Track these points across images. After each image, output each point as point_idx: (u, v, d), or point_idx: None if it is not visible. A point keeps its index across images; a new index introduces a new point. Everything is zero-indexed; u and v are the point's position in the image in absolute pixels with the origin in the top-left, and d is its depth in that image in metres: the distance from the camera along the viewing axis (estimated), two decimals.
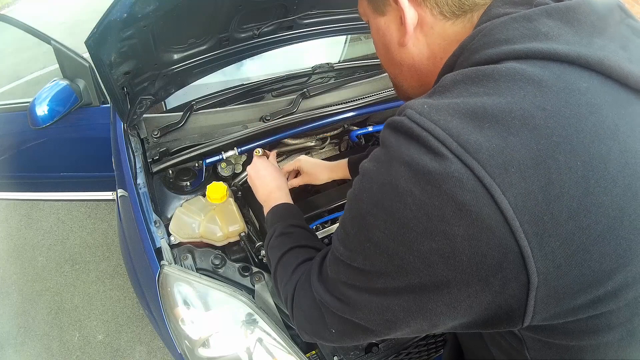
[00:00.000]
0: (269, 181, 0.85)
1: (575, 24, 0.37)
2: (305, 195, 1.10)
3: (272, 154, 0.99)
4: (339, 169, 1.05)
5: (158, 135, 1.08)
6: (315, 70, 1.36)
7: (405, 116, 0.36)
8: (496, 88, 0.34)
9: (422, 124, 0.34)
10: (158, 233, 0.90)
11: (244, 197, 1.13)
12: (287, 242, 0.66)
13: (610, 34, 0.37)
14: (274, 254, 0.66)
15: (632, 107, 0.35)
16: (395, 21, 0.46)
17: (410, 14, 0.43)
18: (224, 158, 1.10)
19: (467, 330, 0.41)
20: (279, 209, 0.76)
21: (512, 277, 0.33)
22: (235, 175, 1.17)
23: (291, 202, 0.80)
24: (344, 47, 1.72)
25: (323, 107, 1.20)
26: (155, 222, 0.92)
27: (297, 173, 1.07)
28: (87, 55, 1.37)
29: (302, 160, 1.04)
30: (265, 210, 0.79)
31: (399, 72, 0.52)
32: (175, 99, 1.20)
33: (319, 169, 1.05)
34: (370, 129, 1.30)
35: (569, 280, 0.33)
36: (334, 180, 1.21)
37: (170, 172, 1.07)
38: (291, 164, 1.05)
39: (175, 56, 0.96)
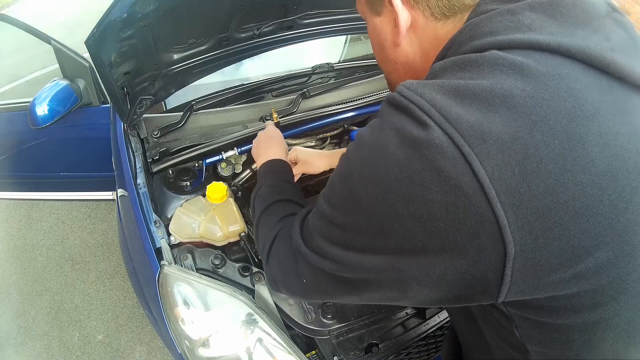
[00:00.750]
0: (274, 143, 0.87)
1: (558, 16, 0.38)
2: (305, 194, 1.10)
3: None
4: (336, 157, 1.04)
5: (158, 135, 1.08)
6: (315, 70, 1.36)
7: (396, 91, 0.38)
8: (479, 72, 0.36)
9: (409, 97, 0.36)
10: (158, 233, 0.90)
11: (244, 197, 1.13)
12: (275, 195, 0.68)
13: (594, 27, 0.38)
14: (260, 203, 0.67)
15: (614, 93, 0.36)
16: (390, 22, 0.48)
17: (404, 15, 0.46)
18: (224, 158, 1.10)
19: (440, 304, 0.41)
20: (274, 163, 0.78)
21: (488, 246, 0.34)
22: (235, 175, 1.17)
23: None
24: (344, 47, 1.72)
25: (323, 107, 1.20)
26: (155, 222, 0.92)
27: (293, 165, 1.07)
28: (87, 55, 1.37)
29: (298, 150, 1.04)
30: (259, 162, 0.80)
31: (393, 70, 0.54)
32: (175, 99, 1.21)
33: (315, 156, 1.05)
34: None
35: (547, 253, 0.34)
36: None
37: (170, 172, 1.07)
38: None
39: (175, 56, 0.96)
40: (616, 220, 0.34)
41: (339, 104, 1.22)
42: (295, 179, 1.04)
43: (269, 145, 0.87)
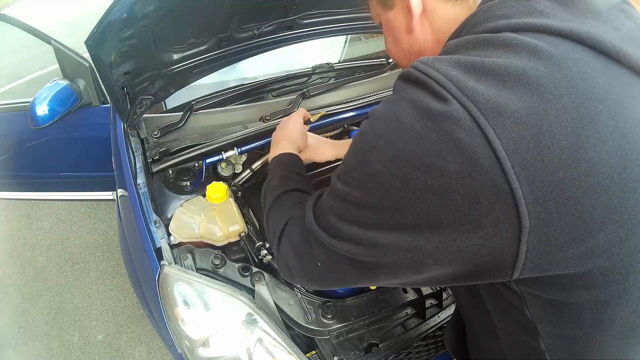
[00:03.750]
0: (288, 132, 0.87)
1: (569, 4, 0.39)
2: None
3: (309, 119, 0.98)
4: (345, 146, 1.03)
5: (158, 135, 1.08)
6: (315, 70, 1.36)
7: (412, 67, 0.39)
8: (494, 52, 0.37)
9: (426, 72, 0.37)
10: (158, 233, 0.90)
11: (244, 197, 1.13)
12: (287, 185, 0.67)
13: (603, 17, 0.40)
14: (271, 193, 0.67)
15: (623, 80, 0.37)
16: (403, 11, 0.50)
17: (415, 1, 0.47)
18: (224, 158, 1.10)
19: (454, 282, 0.41)
20: (285, 156, 0.78)
21: (504, 219, 0.34)
22: (235, 175, 1.17)
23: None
24: (344, 47, 1.72)
25: (323, 107, 1.20)
26: (155, 222, 0.92)
27: None
28: (87, 55, 1.37)
29: (307, 134, 1.02)
30: (271, 155, 0.81)
31: (408, 63, 0.54)
32: (175, 99, 1.20)
33: (323, 144, 1.03)
34: None
35: (561, 228, 0.34)
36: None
37: (170, 172, 1.07)
38: None
39: (175, 56, 0.96)
40: (625, 198, 0.35)
41: (339, 104, 1.22)
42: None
43: (285, 132, 0.87)
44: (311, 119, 0.98)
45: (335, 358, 0.86)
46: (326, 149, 1.02)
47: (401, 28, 0.51)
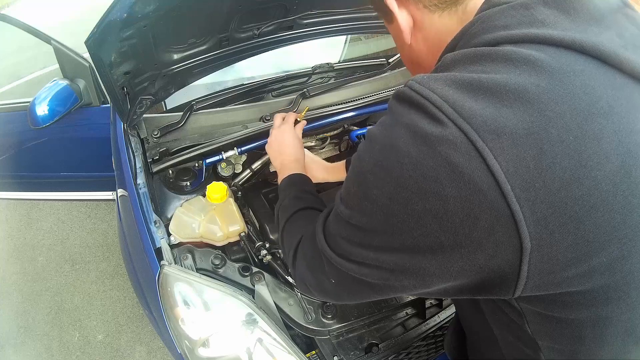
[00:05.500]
0: (290, 151, 0.87)
1: (571, 12, 0.38)
2: None
3: (301, 124, 0.98)
4: (335, 171, 1.05)
5: (158, 135, 1.08)
6: (315, 70, 1.36)
7: (407, 86, 0.38)
8: (493, 67, 0.36)
9: (421, 92, 0.36)
10: (158, 233, 0.90)
11: (244, 197, 1.13)
12: (299, 204, 0.69)
13: (606, 23, 0.38)
14: (284, 212, 0.68)
15: (628, 90, 0.36)
16: (397, 27, 0.50)
17: (402, 16, 0.48)
18: (224, 158, 1.10)
19: (459, 295, 0.42)
20: (295, 177, 0.79)
21: (504, 241, 0.34)
22: (235, 175, 1.17)
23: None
24: (344, 47, 1.72)
25: (323, 107, 1.20)
26: (155, 222, 0.92)
27: None
28: (87, 55, 1.37)
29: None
30: (280, 177, 0.81)
31: (413, 69, 0.58)
32: (175, 99, 1.20)
33: (316, 165, 1.05)
34: None
35: (563, 248, 0.34)
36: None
37: (170, 172, 1.07)
38: None
39: (175, 56, 0.96)
40: (629, 216, 0.34)
41: (339, 104, 1.22)
42: None
43: (282, 152, 0.87)
44: (299, 119, 0.98)
45: (335, 358, 0.86)
46: (317, 170, 1.05)
47: (401, 40, 0.52)
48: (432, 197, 0.34)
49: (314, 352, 0.89)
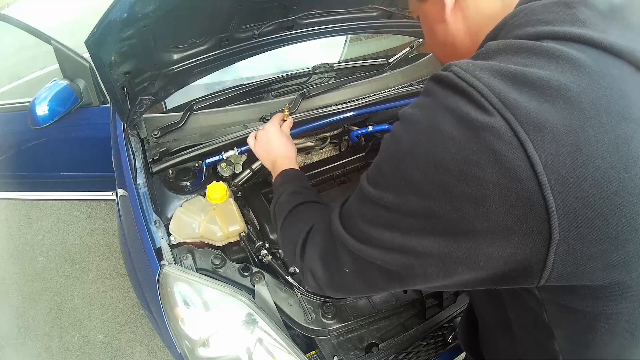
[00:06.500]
0: (277, 149, 0.87)
1: (610, 16, 0.40)
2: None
3: (289, 122, 0.98)
4: None
5: (158, 135, 1.08)
6: (315, 70, 1.36)
7: (451, 72, 0.39)
8: (537, 62, 0.37)
9: (467, 80, 0.37)
10: (158, 233, 0.90)
11: (244, 197, 1.13)
12: (298, 199, 0.68)
13: None
14: (282, 209, 0.67)
15: None
16: (436, 3, 0.51)
17: None
18: (224, 158, 1.10)
19: (479, 286, 0.42)
20: (290, 172, 0.79)
21: (535, 230, 0.35)
22: (235, 175, 1.17)
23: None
24: (344, 47, 1.72)
25: (323, 107, 1.20)
26: (155, 222, 0.92)
27: None
28: (87, 55, 1.37)
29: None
30: (274, 176, 0.81)
31: (444, 54, 0.56)
32: (175, 99, 1.20)
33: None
34: (370, 129, 1.30)
35: (587, 242, 0.35)
36: (333, 180, 1.21)
37: (170, 172, 1.07)
38: None
39: (175, 56, 0.96)
40: None
41: (339, 104, 1.22)
42: None
43: (269, 150, 0.87)
44: (285, 118, 0.98)
45: (335, 358, 0.86)
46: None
47: (435, 18, 0.52)
48: (472, 180, 0.35)
49: (314, 352, 0.89)
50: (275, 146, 0.88)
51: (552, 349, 0.47)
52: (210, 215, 0.97)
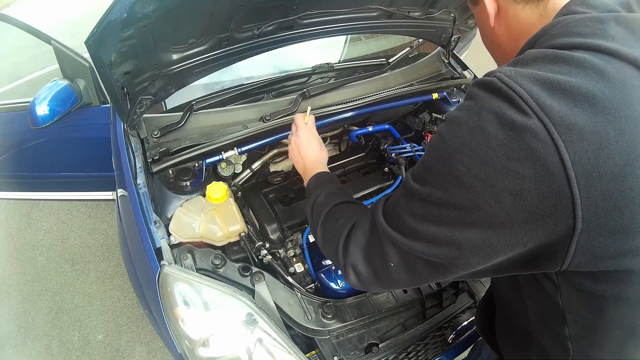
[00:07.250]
0: (309, 153, 0.90)
1: (637, 33, 0.45)
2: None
3: (311, 121, 0.99)
4: None
5: (158, 135, 1.08)
6: (315, 70, 1.36)
7: (496, 77, 0.44)
8: (568, 70, 0.42)
9: (510, 85, 0.42)
10: (158, 233, 0.90)
11: (244, 197, 1.13)
12: (336, 199, 0.72)
13: None
14: (321, 208, 0.71)
15: None
16: (484, 9, 0.57)
17: (489, 1, 0.56)
18: (224, 158, 1.10)
19: (512, 271, 0.48)
20: (323, 175, 0.83)
21: (562, 220, 0.41)
22: (235, 175, 1.17)
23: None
24: (344, 47, 1.72)
25: (323, 107, 1.20)
26: (155, 222, 0.92)
27: None
28: (87, 55, 1.37)
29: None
30: (306, 178, 0.85)
31: (492, 52, 0.64)
32: (175, 99, 1.20)
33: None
34: (370, 129, 1.30)
35: (605, 231, 0.41)
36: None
37: (170, 172, 1.07)
38: None
39: (175, 56, 0.96)
40: None
41: (339, 104, 1.22)
42: None
43: (305, 155, 0.89)
44: (305, 120, 0.98)
45: (335, 358, 0.86)
46: None
47: (484, 22, 0.59)
48: (512, 175, 0.40)
49: (314, 352, 0.89)
50: (306, 151, 0.91)
51: (562, 335, 0.53)
52: (210, 215, 0.97)
